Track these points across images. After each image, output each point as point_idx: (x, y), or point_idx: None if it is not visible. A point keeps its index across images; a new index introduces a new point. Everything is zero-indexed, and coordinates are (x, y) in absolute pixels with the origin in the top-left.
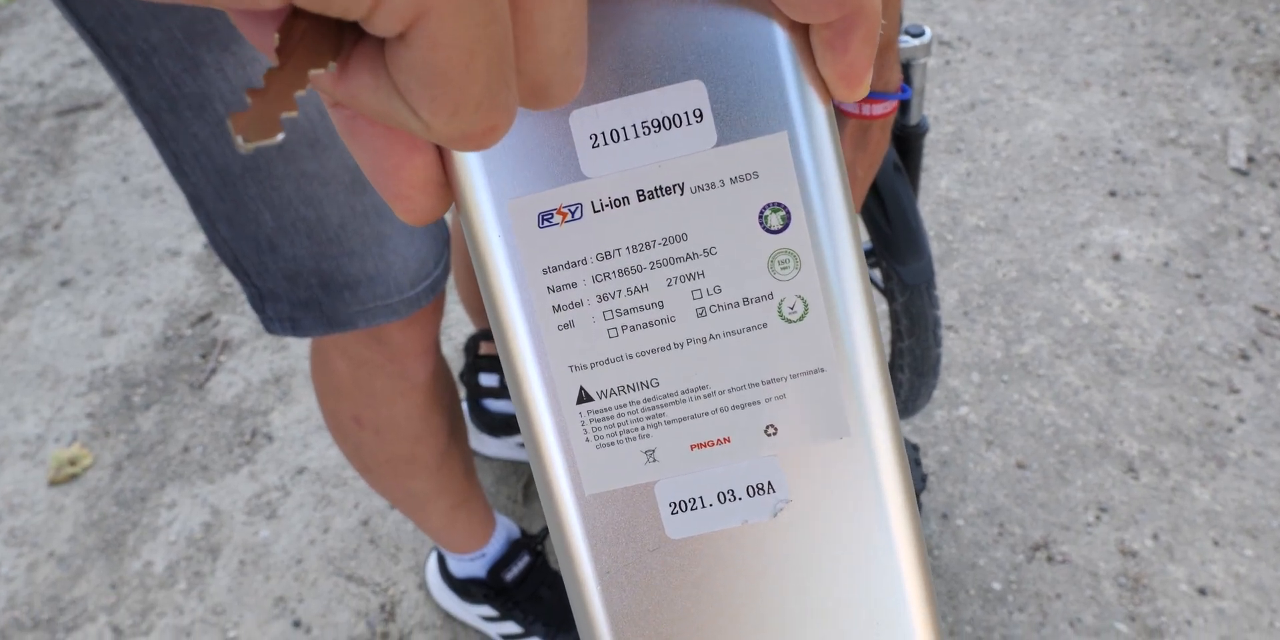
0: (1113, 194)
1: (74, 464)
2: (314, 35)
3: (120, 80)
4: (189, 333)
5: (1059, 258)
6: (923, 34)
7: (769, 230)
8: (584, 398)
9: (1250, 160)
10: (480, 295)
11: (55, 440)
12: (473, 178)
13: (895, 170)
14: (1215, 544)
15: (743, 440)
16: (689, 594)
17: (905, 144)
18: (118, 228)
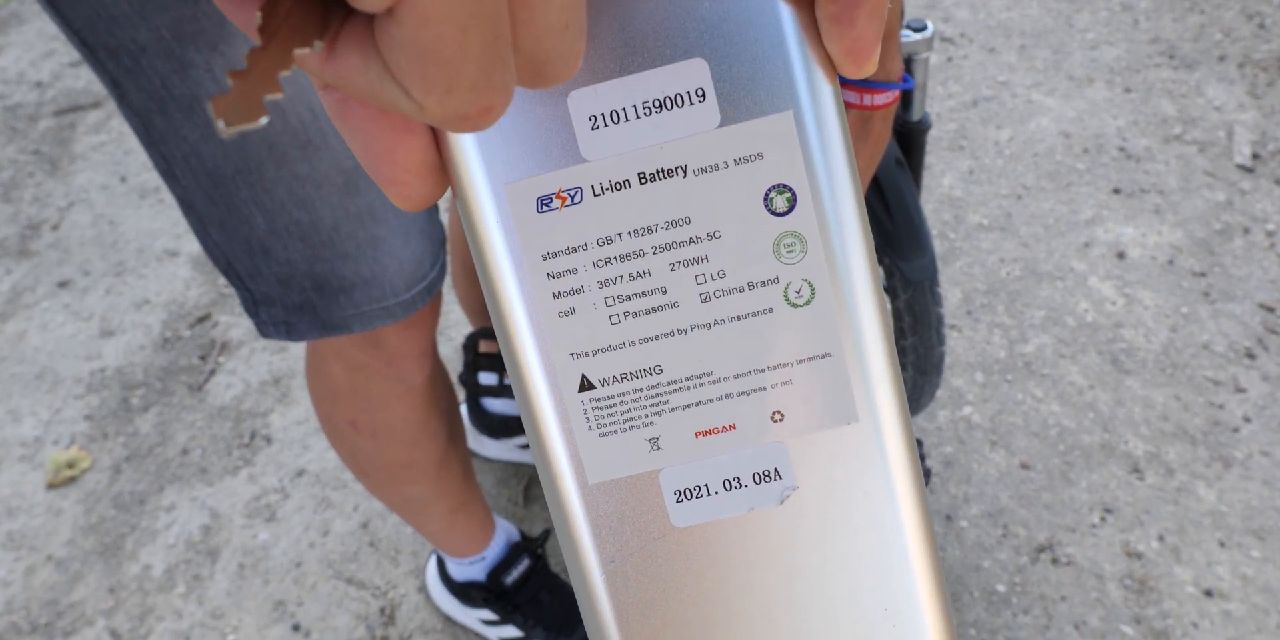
0: (1117, 191)
1: (72, 467)
2: (299, 13)
3: (109, 83)
4: (188, 334)
5: (1063, 256)
6: (925, 28)
7: (774, 213)
8: (586, 386)
9: (1255, 157)
10: (479, 295)
11: (53, 443)
12: (469, 161)
13: (898, 165)
14: (1221, 545)
15: (748, 427)
16: (695, 583)
17: (908, 140)
18: (116, 228)
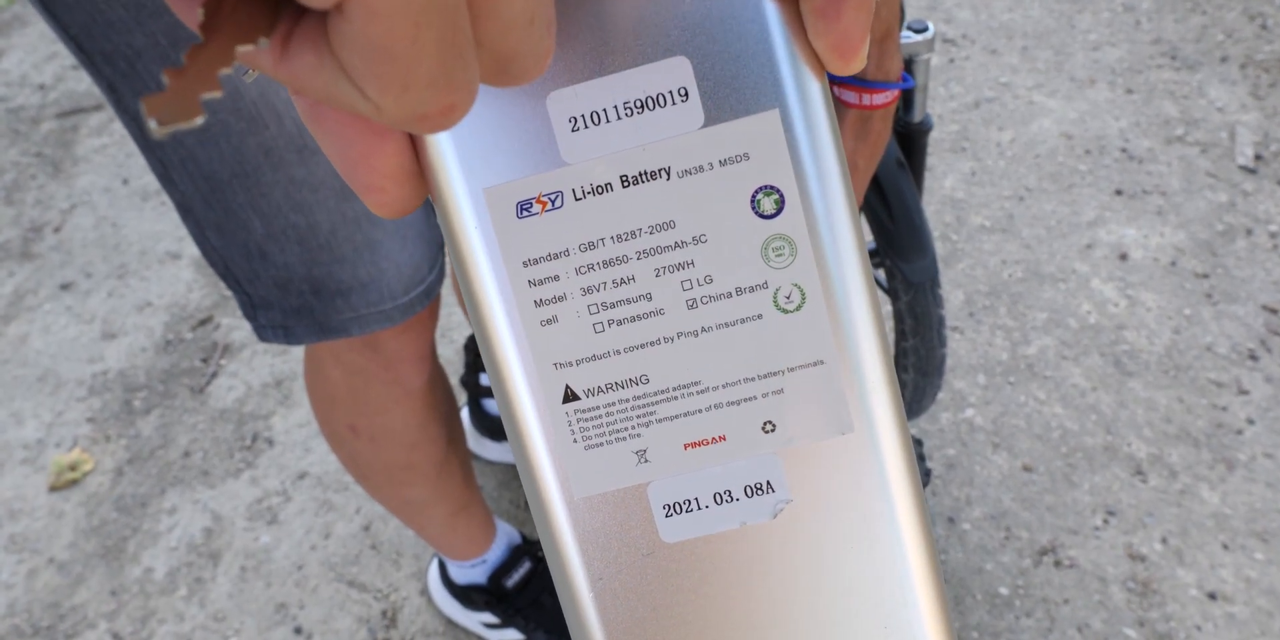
0: (1119, 193)
1: (74, 469)
2: (243, 9)
3: (105, 88)
4: (190, 336)
5: (1065, 258)
6: (926, 29)
7: (762, 215)
8: (570, 396)
9: (1258, 158)
10: None
11: (56, 445)
12: (446, 165)
13: (899, 166)
14: (1225, 548)
15: (739, 438)
16: (685, 600)
17: (909, 141)
18: (118, 230)
